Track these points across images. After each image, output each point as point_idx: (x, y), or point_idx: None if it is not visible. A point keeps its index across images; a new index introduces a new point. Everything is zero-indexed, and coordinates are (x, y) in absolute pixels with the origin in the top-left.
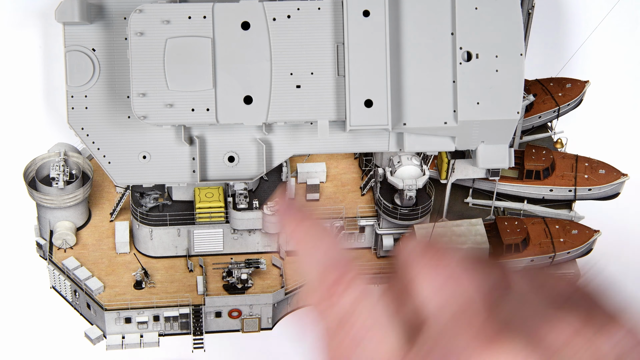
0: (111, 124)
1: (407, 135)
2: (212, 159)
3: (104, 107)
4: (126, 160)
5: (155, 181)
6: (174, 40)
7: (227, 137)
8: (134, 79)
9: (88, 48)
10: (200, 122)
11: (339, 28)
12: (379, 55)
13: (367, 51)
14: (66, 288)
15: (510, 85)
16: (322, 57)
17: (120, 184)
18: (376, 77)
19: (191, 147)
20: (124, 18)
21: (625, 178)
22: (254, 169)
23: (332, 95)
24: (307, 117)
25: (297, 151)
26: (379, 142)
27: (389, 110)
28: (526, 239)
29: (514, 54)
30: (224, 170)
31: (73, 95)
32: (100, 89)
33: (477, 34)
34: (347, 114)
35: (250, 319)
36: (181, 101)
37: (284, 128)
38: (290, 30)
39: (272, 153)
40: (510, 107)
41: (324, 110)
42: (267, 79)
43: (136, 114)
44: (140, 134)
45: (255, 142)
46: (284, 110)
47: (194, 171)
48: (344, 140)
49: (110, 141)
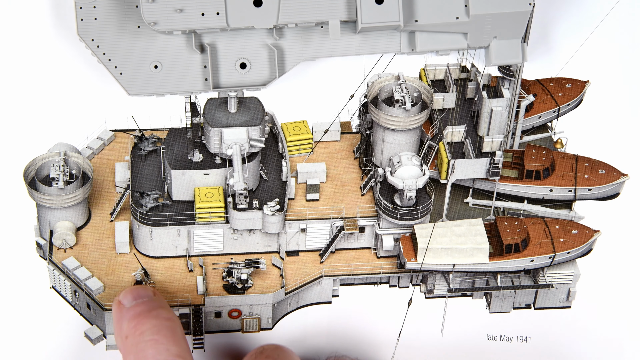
0: (121, 34)
1: (419, 34)
2: (223, 66)
3: (113, 17)
4: (138, 70)
5: (168, 91)
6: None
7: (238, 43)
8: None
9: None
10: (210, 26)
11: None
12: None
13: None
14: (66, 288)
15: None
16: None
17: (133, 93)
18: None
19: (202, 55)
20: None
21: (625, 178)
22: (267, 74)
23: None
24: (318, 17)
25: (309, 55)
26: (391, 43)
27: (400, 6)
28: (526, 239)
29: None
30: (236, 77)
31: (82, 7)
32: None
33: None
34: (358, 12)
35: (250, 319)
36: (191, 5)
37: (294, 32)
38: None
39: (284, 58)
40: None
41: (334, 10)
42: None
43: (146, 20)
44: (151, 43)
45: (266, 48)
46: (294, 11)
47: (206, 79)
48: (356, 43)
49: (121, 51)
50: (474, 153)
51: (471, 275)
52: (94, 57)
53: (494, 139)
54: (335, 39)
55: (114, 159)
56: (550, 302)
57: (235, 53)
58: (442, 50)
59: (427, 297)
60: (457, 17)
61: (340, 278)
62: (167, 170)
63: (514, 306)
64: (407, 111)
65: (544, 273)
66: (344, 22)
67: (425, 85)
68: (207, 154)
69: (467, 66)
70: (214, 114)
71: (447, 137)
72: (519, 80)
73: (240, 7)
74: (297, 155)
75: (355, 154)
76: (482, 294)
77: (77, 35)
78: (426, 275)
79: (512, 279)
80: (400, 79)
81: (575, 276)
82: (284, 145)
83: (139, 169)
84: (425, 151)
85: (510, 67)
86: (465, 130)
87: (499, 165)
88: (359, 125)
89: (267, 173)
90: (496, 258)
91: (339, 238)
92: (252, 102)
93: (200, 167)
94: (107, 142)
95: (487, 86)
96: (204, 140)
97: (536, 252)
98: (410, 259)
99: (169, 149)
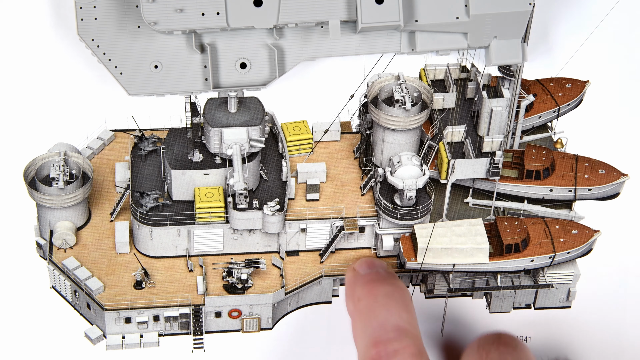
0: (122, 34)
1: (419, 34)
2: (224, 66)
3: (113, 17)
4: (138, 70)
5: (168, 91)
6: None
7: (238, 43)
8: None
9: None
10: (210, 26)
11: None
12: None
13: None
14: (66, 288)
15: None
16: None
17: (133, 93)
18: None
19: (202, 55)
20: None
21: (625, 178)
22: (267, 74)
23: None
24: (318, 17)
25: (309, 55)
26: (391, 43)
27: (401, 6)
28: (526, 239)
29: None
30: (236, 77)
31: (82, 7)
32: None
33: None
34: (358, 11)
35: (250, 319)
36: (191, 5)
37: (295, 32)
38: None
39: (284, 58)
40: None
41: (334, 10)
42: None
43: (146, 20)
44: (151, 42)
45: (266, 48)
46: (294, 11)
47: (207, 79)
48: (356, 43)
49: (122, 51)
50: (474, 153)
51: (471, 275)
52: (94, 57)
53: (494, 139)
54: (335, 39)
55: (114, 159)
56: (550, 302)
57: (235, 53)
58: (442, 50)
59: (427, 297)
60: (457, 17)
61: (340, 278)
62: (167, 170)
63: (514, 306)
64: (407, 111)
65: (544, 273)
66: (344, 22)
67: (425, 85)
68: (207, 154)
69: (467, 66)
70: (214, 114)
71: (447, 137)
72: (519, 80)
73: (240, 7)
74: (297, 155)
75: (355, 154)
76: (482, 294)
77: (77, 35)
78: (426, 275)
79: (512, 279)
80: (400, 79)
81: (575, 276)
82: (284, 145)
83: (139, 169)
84: (425, 151)
85: (510, 67)
86: (465, 130)
87: (499, 165)
88: (359, 125)
89: (267, 173)
90: (496, 258)
91: (339, 238)
92: (252, 102)
93: (200, 167)
94: (107, 142)
95: (487, 86)
96: (204, 140)
97: (536, 252)
98: (410, 259)
99: (169, 149)
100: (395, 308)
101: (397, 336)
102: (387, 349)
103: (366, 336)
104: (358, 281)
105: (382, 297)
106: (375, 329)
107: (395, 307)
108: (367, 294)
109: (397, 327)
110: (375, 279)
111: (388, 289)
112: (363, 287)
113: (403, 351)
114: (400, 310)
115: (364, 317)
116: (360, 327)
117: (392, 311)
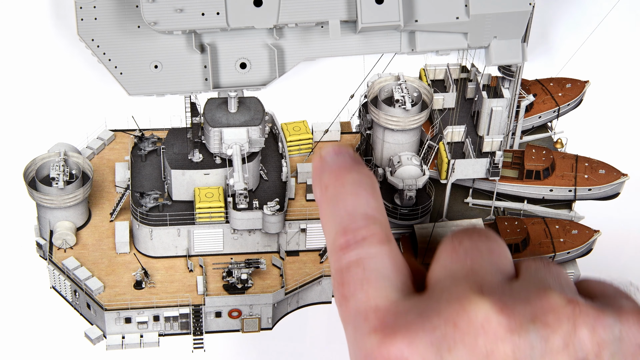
0: (122, 34)
1: (419, 34)
2: (224, 66)
3: (113, 17)
4: (138, 70)
5: (168, 91)
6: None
7: (238, 43)
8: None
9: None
10: (210, 26)
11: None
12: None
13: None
14: (66, 288)
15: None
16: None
17: (133, 93)
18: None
19: (202, 55)
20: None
21: (625, 178)
22: (267, 74)
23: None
24: (318, 17)
25: (309, 55)
26: (391, 43)
27: (401, 6)
28: (526, 239)
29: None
30: (236, 77)
31: (82, 7)
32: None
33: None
34: (358, 12)
35: (250, 319)
36: (191, 5)
37: (295, 32)
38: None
39: (284, 58)
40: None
41: (334, 10)
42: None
43: (146, 20)
44: (151, 42)
45: (266, 48)
46: (294, 11)
47: (207, 79)
48: (356, 43)
49: (122, 51)
50: (474, 153)
51: None
52: (94, 57)
53: (494, 139)
54: (335, 39)
55: (114, 159)
56: None
57: (235, 53)
58: (442, 50)
59: None
60: (457, 17)
61: None
62: (167, 170)
63: None
64: (407, 111)
65: None
66: (344, 22)
67: (425, 85)
68: (207, 154)
69: (467, 66)
70: (214, 114)
71: (447, 137)
72: (519, 80)
73: (240, 7)
74: (297, 155)
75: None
76: None
77: (77, 35)
78: None
79: None
80: (400, 79)
81: (575, 276)
82: (284, 145)
83: (139, 169)
84: (425, 151)
85: (510, 67)
86: (465, 130)
87: (499, 165)
88: (359, 125)
89: (267, 173)
90: None
91: None
92: (252, 102)
93: (200, 167)
94: (107, 142)
95: (487, 86)
96: (204, 140)
97: (536, 252)
98: None
99: (169, 149)
100: (363, 195)
101: (366, 224)
102: (356, 237)
103: (335, 224)
104: (325, 168)
105: (349, 184)
106: (343, 217)
107: (363, 195)
108: (335, 181)
109: (366, 215)
110: (342, 166)
111: (356, 176)
112: (330, 174)
113: (371, 238)
114: (368, 197)
115: (332, 205)
116: (329, 214)
117: (361, 198)
